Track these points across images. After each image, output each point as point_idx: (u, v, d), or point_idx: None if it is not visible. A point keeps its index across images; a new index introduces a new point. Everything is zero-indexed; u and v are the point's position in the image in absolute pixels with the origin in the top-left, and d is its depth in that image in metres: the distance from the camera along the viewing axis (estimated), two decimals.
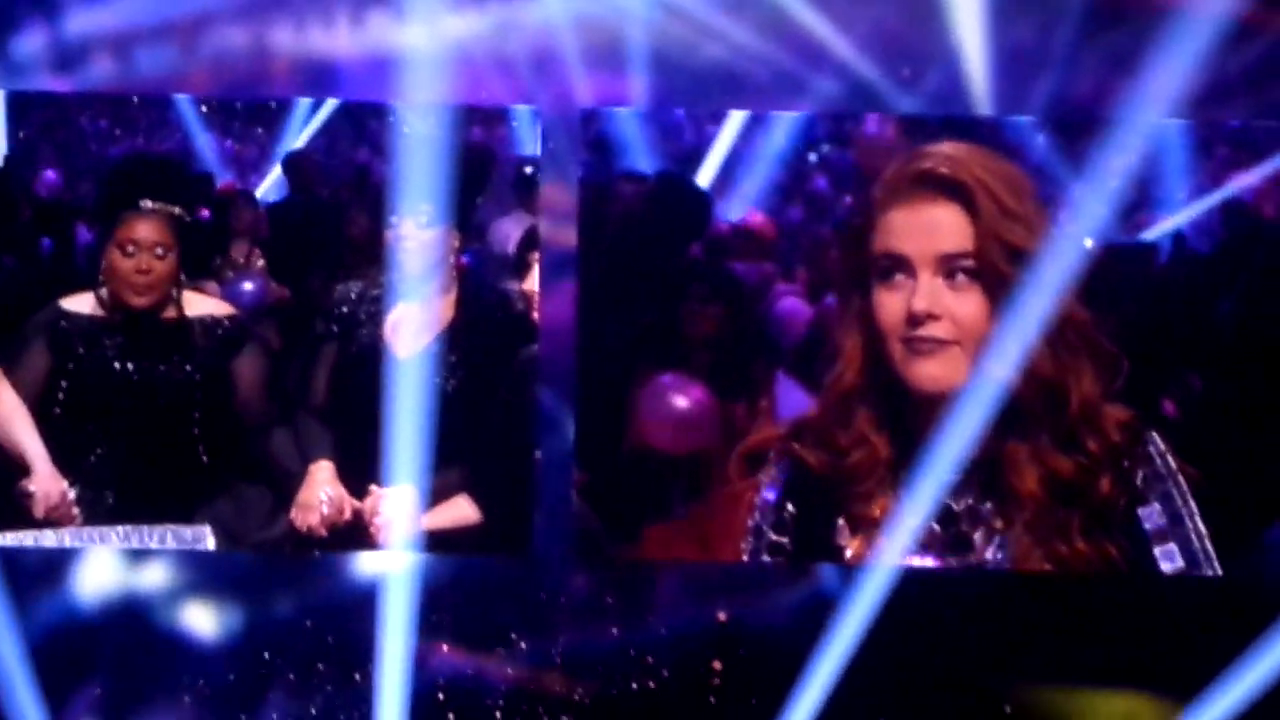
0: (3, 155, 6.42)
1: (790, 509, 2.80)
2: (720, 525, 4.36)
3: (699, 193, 7.01)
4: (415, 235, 4.36)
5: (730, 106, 6.85)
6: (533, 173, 6.59)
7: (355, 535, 4.35)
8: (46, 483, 4.35)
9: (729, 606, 3.65)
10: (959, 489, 2.70)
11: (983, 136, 3.09)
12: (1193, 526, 2.67)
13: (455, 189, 4.17)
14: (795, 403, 5.03)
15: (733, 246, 6.95)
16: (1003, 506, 2.68)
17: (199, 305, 4.63)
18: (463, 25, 3.84)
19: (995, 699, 3.48)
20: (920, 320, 2.61)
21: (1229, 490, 3.13)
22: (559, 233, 3.88)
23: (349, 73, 3.92)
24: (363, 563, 3.82)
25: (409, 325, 4.41)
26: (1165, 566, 2.65)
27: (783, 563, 2.83)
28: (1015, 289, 2.61)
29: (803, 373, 5.30)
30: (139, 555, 3.83)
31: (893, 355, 2.65)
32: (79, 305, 4.55)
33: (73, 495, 4.37)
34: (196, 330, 4.56)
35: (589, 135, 6.83)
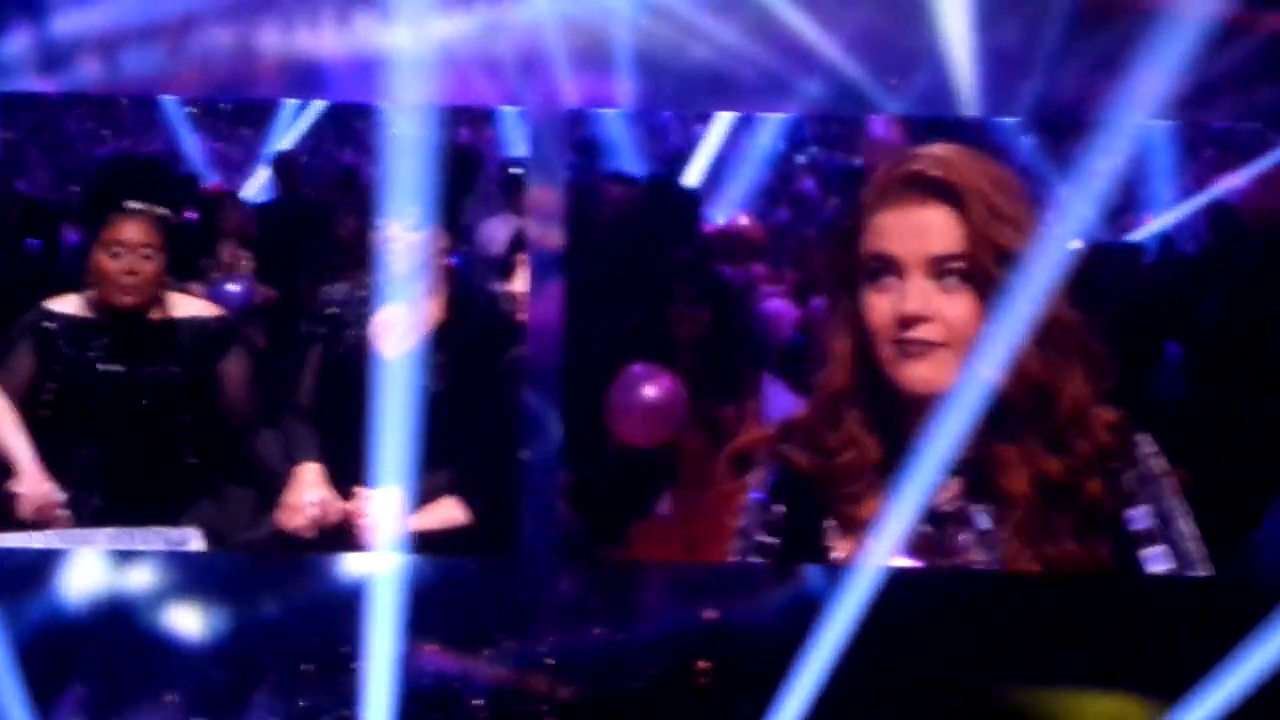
0: None
1: (779, 510, 2.79)
2: (708, 527, 4.37)
3: (686, 194, 7.02)
4: (402, 237, 4.36)
5: (717, 108, 6.87)
6: (520, 174, 6.61)
7: (342, 537, 4.35)
8: (33, 484, 4.34)
9: (716, 607, 3.64)
10: (948, 490, 2.70)
11: (969, 137, 3.08)
12: (1182, 528, 2.67)
13: (442, 190, 4.16)
14: (783, 404, 5.04)
15: (720, 248, 6.97)
16: (992, 508, 2.67)
17: (185, 306, 4.63)
18: (449, 26, 3.84)
19: (984, 700, 3.48)
20: (911, 322, 2.61)
21: (1217, 491, 3.14)
22: (546, 234, 3.87)
23: (336, 74, 3.91)
24: (349, 564, 3.81)
25: (396, 327, 4.41)
26: (1155, 568, 2.65)
27: (769, 563, 2.82)
28: (1005, 290, 2.60)
29: (790, 374, 5.31)
30: (126, 557, 3.82)
31: (883, 357, 2.64)
32: (65, 306, 4.54)
33: (59, 497, 4.36)
34: (183, 331, 4.55)
35: (576, 137, 6.83)
